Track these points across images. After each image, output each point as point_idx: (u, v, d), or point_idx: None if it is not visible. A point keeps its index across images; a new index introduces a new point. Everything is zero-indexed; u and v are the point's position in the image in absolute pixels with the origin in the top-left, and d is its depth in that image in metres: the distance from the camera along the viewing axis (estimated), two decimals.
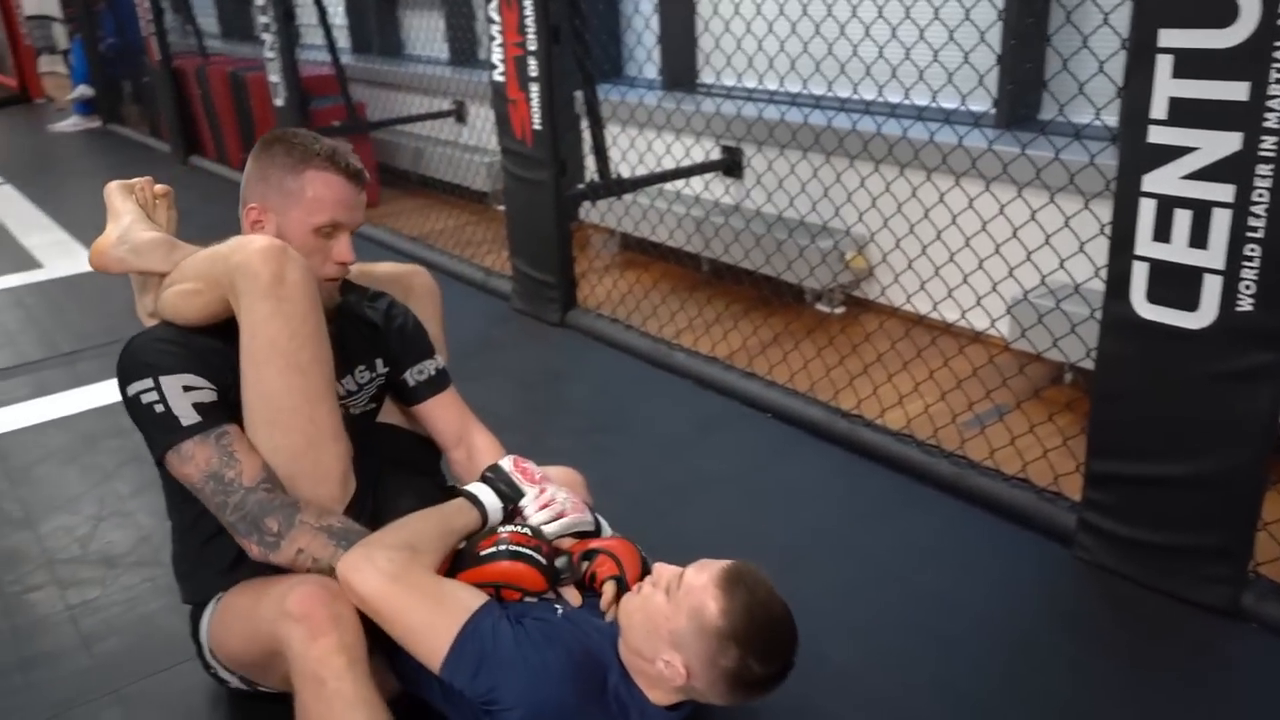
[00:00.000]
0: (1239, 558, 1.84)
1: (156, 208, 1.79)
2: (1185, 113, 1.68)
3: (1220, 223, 1.68)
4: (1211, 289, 1.72)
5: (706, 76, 4.48)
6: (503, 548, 1.48)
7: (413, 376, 1.79)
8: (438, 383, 1.82)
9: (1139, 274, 1.82)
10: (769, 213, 3.63)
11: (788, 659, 1.41)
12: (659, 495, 2.37)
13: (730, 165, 4.00)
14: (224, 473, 1.45)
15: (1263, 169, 1.62)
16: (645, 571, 1.57)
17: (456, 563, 1.51)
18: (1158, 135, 1.73)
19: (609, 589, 1.54)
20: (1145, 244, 1.79)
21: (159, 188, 1.82)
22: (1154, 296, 1.81)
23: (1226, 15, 1.59)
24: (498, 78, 3.34)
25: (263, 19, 4.82)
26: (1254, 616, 1.84)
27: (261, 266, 1.45)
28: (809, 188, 3.29)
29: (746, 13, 3.35)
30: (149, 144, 7.47)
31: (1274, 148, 1.60)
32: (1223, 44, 1.61)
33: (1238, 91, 1.61)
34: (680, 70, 4.52)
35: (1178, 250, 1.75)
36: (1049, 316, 2.54)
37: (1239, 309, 1.70)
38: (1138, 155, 1.76)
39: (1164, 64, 1.69)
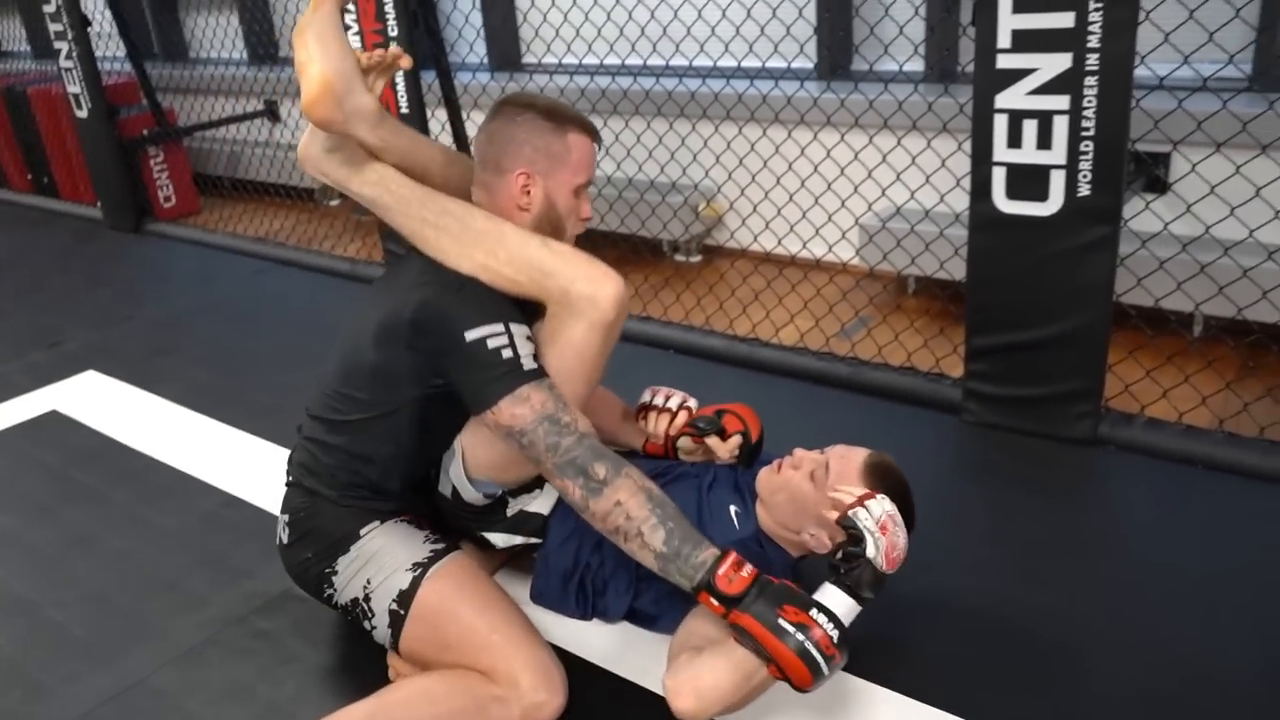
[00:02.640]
0: (1094, 396, 2.30)
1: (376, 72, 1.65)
2: (1025, 41, 2.10)
3: (1060, 127, 2.11)
4: (1057, 181, 2.16)
5: (531, 56, 4.68)
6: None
7: None
8: None
9: (998, 177, 2.23)
10: (620, 177, 3.91)
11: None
12: None
13: None
14: (560, 416, 1.50)
15: (1089, 80, 2.05)
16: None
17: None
18: (1004, 61, 2.13)
19: (734, 441, 1.85)
20: (1001, 151, 2.21)
21: (395, 55, 1.67)
22: (1012, 193, 2.23)
23: None
24: None
25: (56, 27, 4.56)
26: (1110, 440, 2.31)
27: (610, 308, 1.56)
28: (656, 151, 3.59)
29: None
30: None
31: (1096, 63, 2.03)
32: None
33: (1065, 20, 2.03)
34: (506, 51, 4.70)
35: (1028, 153, 2.17)
36: (890, 235, 3.00)
37: (1079, 195, 2.14)
38: (990, 79, 2.17)
39: (1005, 2, 2.09)
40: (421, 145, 1.74)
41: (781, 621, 1.37)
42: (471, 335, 1.52)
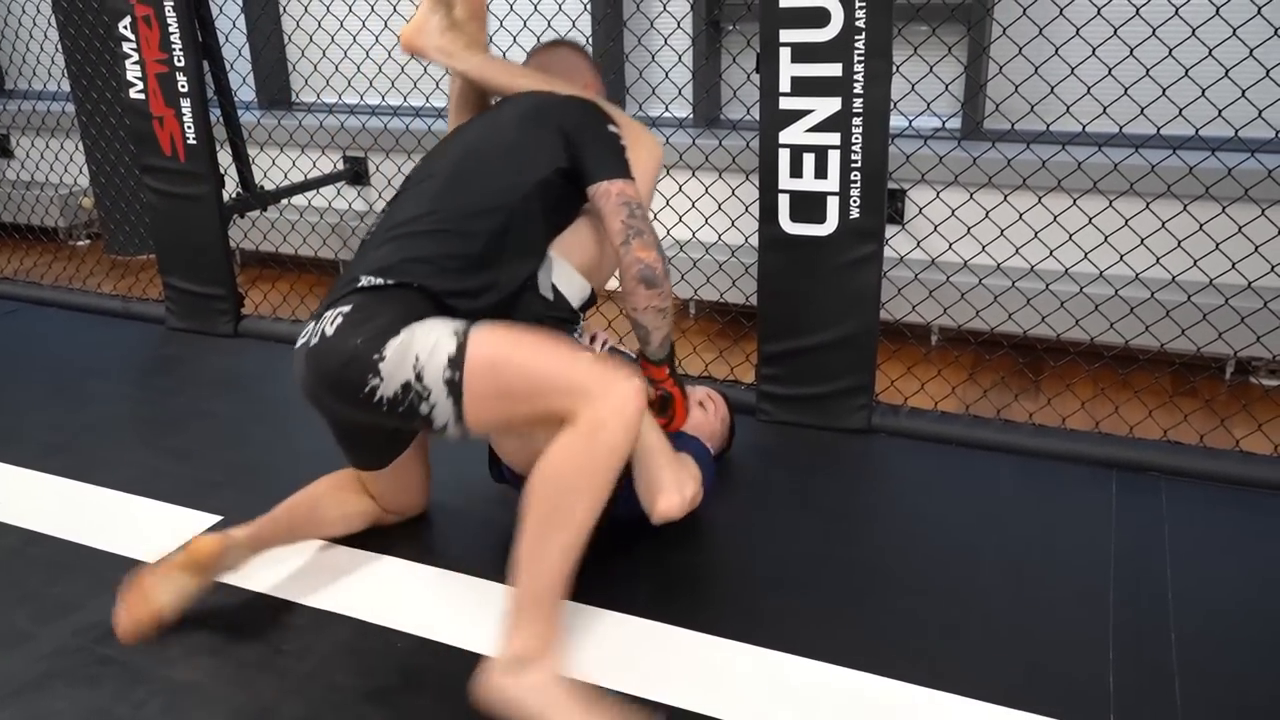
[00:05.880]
0: (868, 392, 2.68)
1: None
2: (803, 86, 2.46)
3: (834, 160, 2.48)
4: (833, 206, 2.52)
5: (310, 93, 4.68)
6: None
7: None
8: None
9: (783, 203, 2.57)
10: None
11: None
12: None
13: (356, 174, 4.28)
14: (643, 206, 1.91)
15: (856, 121, 2.44)
16: None
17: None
18: (786, 103, 2.48)
19: None
20: (785, 180, 2.55)
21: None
22: (795, 217, 2.57)
23: (823, 19, 2.38)
24: (136, 95, 3.32)
25: None
26: (880, 428, 2.70)
27: (659, 148, 2.13)
28: None
29: (342, 39, 3.69)
30: None
31: (861, 107, 2.42)
32: (822, 38, 2.40)
33: (835, 70, 2.41)
34: (275, 90, 4.67)
35: (808, 182, 2.53)
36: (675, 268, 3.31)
37: (851, 217, 2.52)
38: (774, 118, 2.51)
39: (785, 53, 2.44)
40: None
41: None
42: (612, 129, 1.95)
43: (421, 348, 1.67)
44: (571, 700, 1.59)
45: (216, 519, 2.32)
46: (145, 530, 2.30)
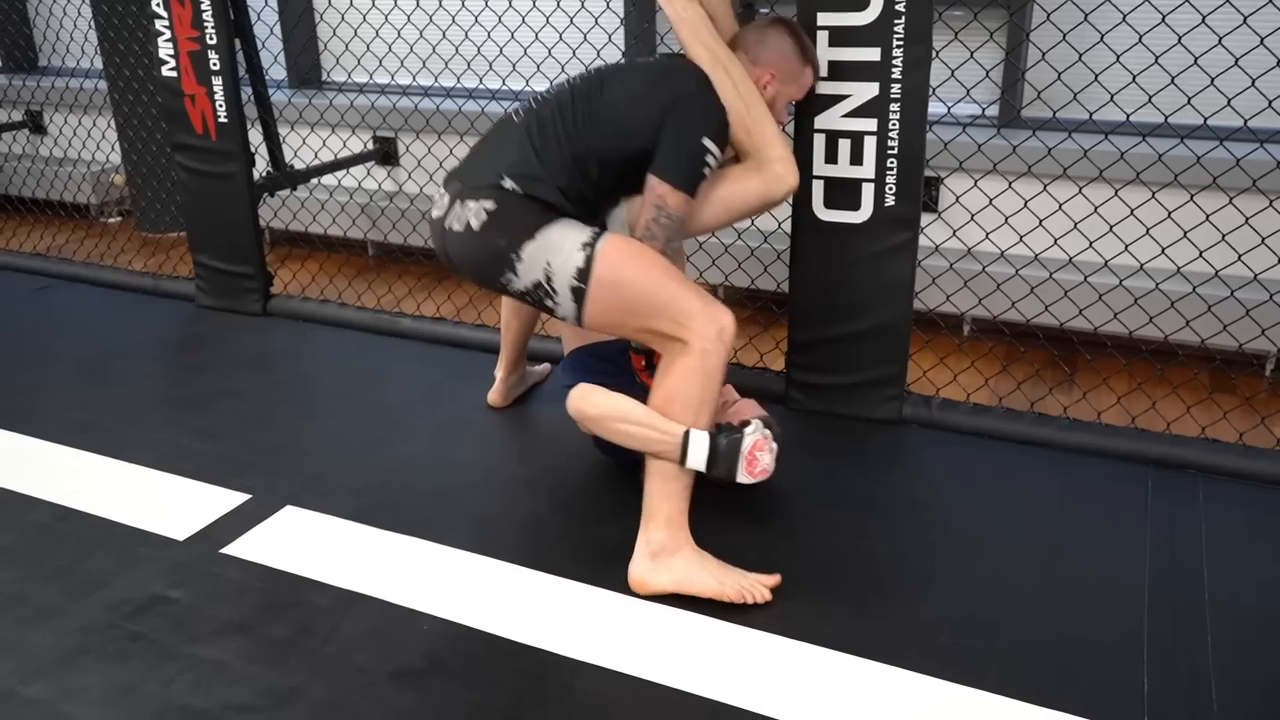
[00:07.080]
0: (899, 382, 2.65)
1: None
2: (840, 70, 2.41)
3: (870, 146, 2.44)
4: (868, 193, 2.48)
5: (341, 73, 4.67)
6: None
7: None
8: None
9: (817, 189, 2.53)
10: (431, 194, 3.99)
11: None
12: (451, 429, 2.68)
13: (385, 154, 4.27)
14: (679, 227, 2.01)
15: (893, 106, 2.39)
16: None
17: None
18: (822, 88, 2.44)
19: None
20: (820, 166, 2.51)
21: None
22: (828, 203, 2.54)
23: (862, 2, 2.34)
24: (168, 73, 3.32)
25: None
26: (912, 420, 2.66)
27: (781, 193, 2.12)
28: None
29: (373, 19, 3.67)
30: None
31: (899, 92, 2.38)
32: (861, 22, 2.36)
33: (873, 54, 2.36)
34: (306, 69, 4.66)
35: (843, 168, 2.49)
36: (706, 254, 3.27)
37: (886, 205, 2.48)
38: (810, 103, 2.47)
39: (823, 37, 2.40)
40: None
41: None
42: (706, 141, 1.98)
43: (553, 255, 1.94)
44: (705, 568, 1.96)
45: (245, 497, 2.33)
46: (173, 507, 2.31)
